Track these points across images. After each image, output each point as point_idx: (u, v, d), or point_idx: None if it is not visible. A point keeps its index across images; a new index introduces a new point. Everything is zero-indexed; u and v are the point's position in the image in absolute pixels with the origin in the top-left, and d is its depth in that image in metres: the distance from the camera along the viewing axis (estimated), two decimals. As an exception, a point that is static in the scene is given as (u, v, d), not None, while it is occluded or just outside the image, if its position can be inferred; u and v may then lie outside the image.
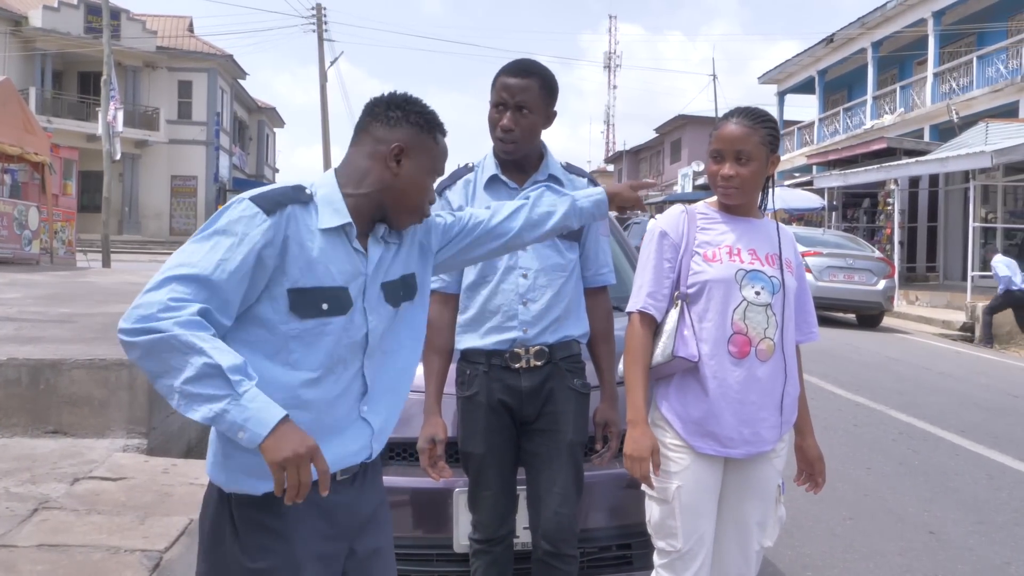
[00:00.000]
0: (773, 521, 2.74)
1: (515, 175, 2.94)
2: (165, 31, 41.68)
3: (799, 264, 2.82)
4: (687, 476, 2.64)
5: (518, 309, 2.87)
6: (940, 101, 24.59)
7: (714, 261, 2.66)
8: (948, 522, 5.22)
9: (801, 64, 33.88)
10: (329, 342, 1.95)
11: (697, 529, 2.64)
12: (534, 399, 2.88)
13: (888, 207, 23.52)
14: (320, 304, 1.93)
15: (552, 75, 2.92)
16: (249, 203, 1.90)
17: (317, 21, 35.33)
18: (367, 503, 2.08)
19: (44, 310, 9.03)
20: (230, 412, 1.70)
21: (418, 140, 2.04)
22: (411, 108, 2.05)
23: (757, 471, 2.70)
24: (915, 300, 20.46)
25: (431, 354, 2.94)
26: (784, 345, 2.67)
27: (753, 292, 2.64)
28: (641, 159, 58.48)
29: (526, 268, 2.88)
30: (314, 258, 1.93)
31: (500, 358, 2.89)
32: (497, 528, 2.92)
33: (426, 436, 2.86)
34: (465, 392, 2.94)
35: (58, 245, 20.47)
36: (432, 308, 2.93)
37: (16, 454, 5.63)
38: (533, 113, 2.84)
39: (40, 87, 36.87)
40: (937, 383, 10.29)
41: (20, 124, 17.73)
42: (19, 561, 3.94)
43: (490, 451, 2.89)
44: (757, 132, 2.67)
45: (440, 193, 2.99)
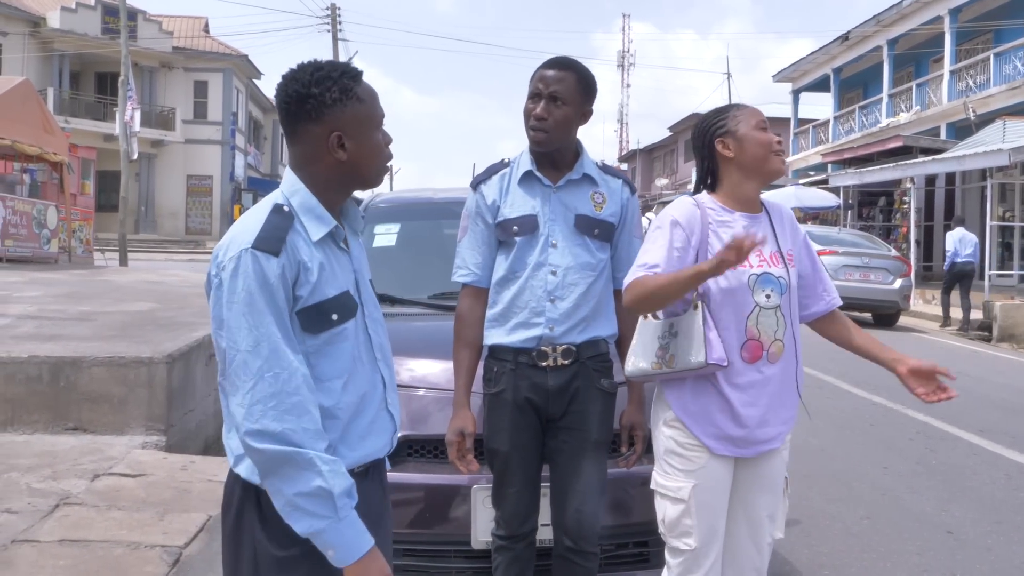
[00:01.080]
0: (783, 513, 2.76)
1: (550, 172, 2.94)
2: (181, 31, 41.89)
3: (800, 240, 2.79)
4: (704, 475, 2.64)
5: (545, 306, 2.87)
6: (957, 99, 24.44)
7: None
8: (966, 522, 5.20)
9: (816, 62, 33.74)
10: (347, 347, 1.98)
11: (712, 527, 2.64)
12: (560, 398, 2.88)
13: (904, 206, 23.43)
14: (330, 316, 1.94)
15: (590, 73, 2.93)
16: (253, 252, 1.85)
17: (332, 21, 35.45)
18: (376, 494, 2.10)
19: (63, 308, 9.10)
20: (327, 533, 1.81)
21: (346, 114, 1.95)
22: (321, 88, 1.93)
23: (767, 466, 2.71)
24: (932, 299, 20.33)
25: (462, 348, 2.98)
26: (791, 342, 2.68)
27: (764, 296, 2.62)
28: (655, 158, 58.38)
29: (556, 265, 2.88)
30: (315, 273, 1.92)
31: (527, 356, 2.88)
32: (520, 525, 2.92)
33: (455, 429, 2.87)
34: (492, 389, 2.94)
35: (76, 244, 20.60)
36: (463, 302, 3.00)
37: (37, 451, 5.68)
38: (567, 105, 2.84)
39: (58, 87, 37.12)
40: (954, 382, 10.22)
41: (39, 124, 17.86)
42: (41, 556, 3.98)
43: (515, 449, 2.89)
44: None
45: (475, 188, 3.01)
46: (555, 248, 2.88)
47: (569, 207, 2.92)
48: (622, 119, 68.32)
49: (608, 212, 2.95)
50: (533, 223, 2.90)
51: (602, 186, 2.96)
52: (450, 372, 3.24)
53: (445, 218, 4.71)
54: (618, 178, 3.04)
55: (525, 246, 2.91)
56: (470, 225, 3.02)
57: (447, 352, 3.30)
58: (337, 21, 35.60)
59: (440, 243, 4.68)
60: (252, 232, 1.88)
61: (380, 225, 4.61)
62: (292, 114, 1.96)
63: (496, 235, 2.97)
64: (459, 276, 3.02)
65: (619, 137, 67.68)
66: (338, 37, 35.51)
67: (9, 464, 5.39)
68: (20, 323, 8.06)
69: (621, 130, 67.88)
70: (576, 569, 2.87)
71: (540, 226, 2.90)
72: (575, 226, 2.91)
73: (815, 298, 2.82)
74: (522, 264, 2.91)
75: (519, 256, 2.91)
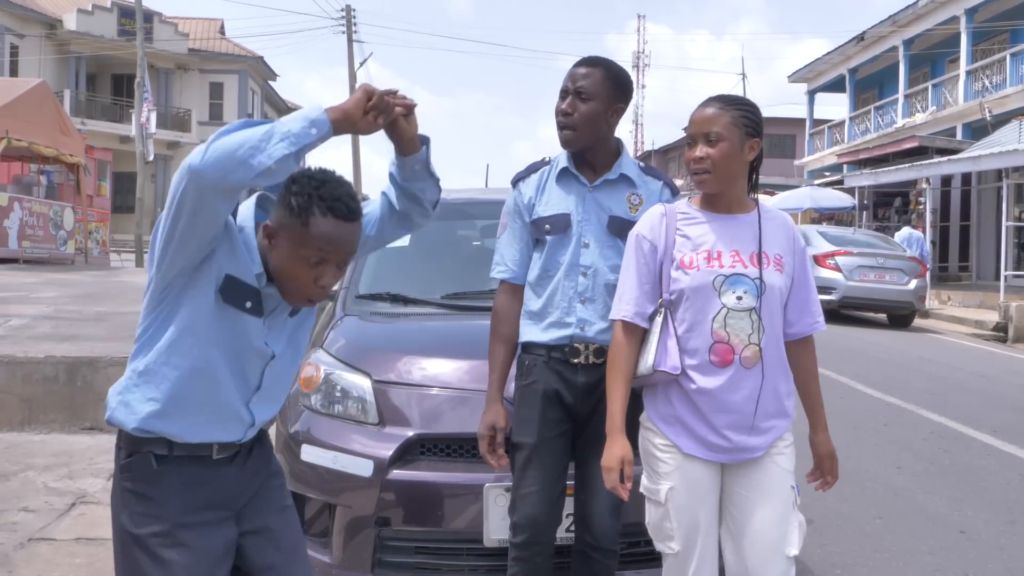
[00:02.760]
0: (794, 527, 2.58)
1: (587, 171, 2.93)
2: (197, 33, 42.07)
3: (797, 253, 2.68)
4: (678, 477, 2.58)
5: (576, 307, 2.88)
6: (973, 99, 24.29)
7: (691, 268, 2.56)
8: (979, 522, 5.18)
9: (831, 62, 33.61)
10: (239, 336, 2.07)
11: (694, 529, 2.56)
12: (589, 396, 2.87)
13: (920, 206, 23.32)
14: (244, 301, 2.05)
15: (621, 70, 2.92)
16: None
17: (347, 22, 35.53)
18: (249, 479, 2.20)
19: (80, 309, 9.17)
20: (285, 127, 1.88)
21: (287, 222, 2.00)
22: (292, 187, 2.00)
23: (762, 472, 2.59)
24: (947, 300, 20.24)
25: (496, 343, 2.99)
26: (773, 348, 2.58)
27: (734, 297, 2.54)
28: (670, 158, 58.24)
29: (587, 267, 2.88)
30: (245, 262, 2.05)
31: (560, 351, 2.89)
32: (539, 532, 2.84)
33: (487, 423, 2.89)
34: (523, 381, 2.94)
35: (92, 245, 20.74)
36: (500, 298, 3.02)
37: (54, 450, 5.74)
38: (593, 100, 2.82)
39: (75, 89, 37.34)
40: (969, 383, 10.20)
41: (56, 126, 18.00)
42: (58, 554, 4.03)
43: (542, 443, 2.85)
44: (728, 113, 2.55)
45: (515, 185, 3.03)
46: (587, 248, 2.88)
47: (604, 208, 2.90)
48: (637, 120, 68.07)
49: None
50: (565, 222, 2.90)
51: (641, 188, 2.94)
52: (461, 372, 3.26)
53: (458, 219, 4.73)
54: (659, 180, 3.01)
55: (557, 245, 2.91)
56: (509, 222, 3.04)
57: (459, 352, 3.31)
58: (352, 23, 35.67)
59: (453, 244, 4.70)
60: None
61: (393, 225, 4.63)
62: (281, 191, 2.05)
63: (531, 233, 2.98)
64: (497, 272, 3.04)
65: (634, 138, 67.44)
66: (353, 39, 35.59)
67: (26, 463, 5.45)
68: (37, 324, 8.13)
69: (636, 131, 67.68)
70: (596, 566, 2.87)
71: (573, 225, 2.90)
72: (608, 227, 2.90)
73: (798, 317, 2.69)
74: (555, 263, 2.91)
75: (551, 255, 2.92)
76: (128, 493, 2.10)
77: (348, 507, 3.18)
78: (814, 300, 2.72)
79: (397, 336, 3.84)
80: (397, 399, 3.32)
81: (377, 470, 3.12)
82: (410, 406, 3.30)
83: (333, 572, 3.16)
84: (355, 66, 35.53)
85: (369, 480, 3.12)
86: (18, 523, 4.39)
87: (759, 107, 2.66)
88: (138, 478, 2.09)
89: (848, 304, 15.48)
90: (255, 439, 2.24)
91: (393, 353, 3.53)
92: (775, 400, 2.60)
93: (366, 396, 3.33)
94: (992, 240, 22.81)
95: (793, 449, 2.67)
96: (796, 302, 2.67)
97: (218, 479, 2.13)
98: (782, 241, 2.64)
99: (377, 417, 3.28)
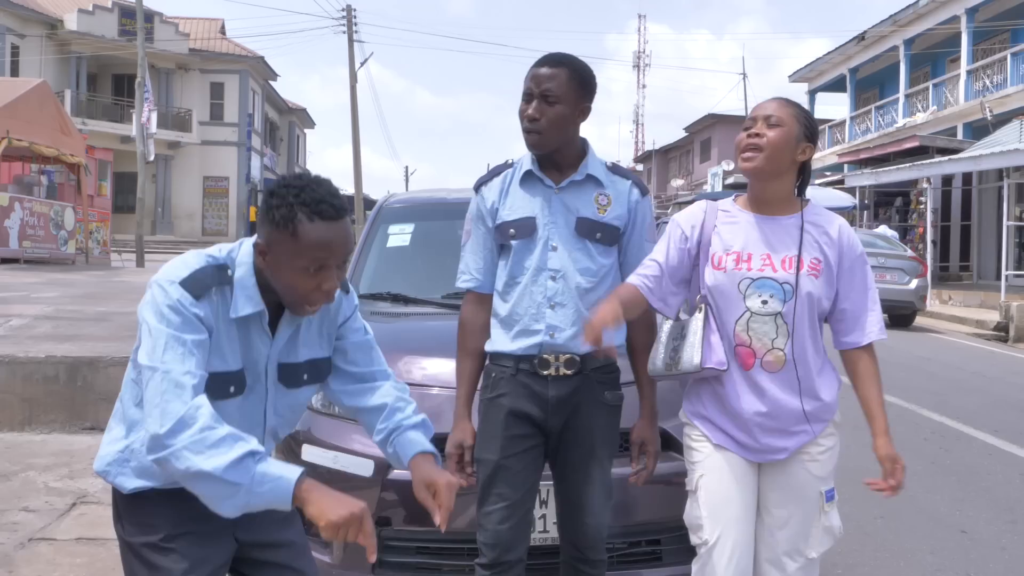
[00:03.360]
0: (817, 531, 2.61)
1: (552, 173, 2.81)
2: (197, 33, 42.08)
3: (851, 259, 2.60)
4: (708, 465, 2.62)
5: (545, 312, 2.75)
6: (973, 99, 24.29)
7: (719, 269, 2.58)
8: (980, 521, 5.18)
9: (832, 62, 33.61)
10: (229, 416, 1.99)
11: (722, 519, 2.57)
12: (561, 410, 2.75)
13: (921, 206, 23.31)
14: (228, 387, 2.02)
15: (586, 68, 2.79)
16: (180, 287, 1.94)
17: (347, 22, 35.49)
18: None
19: (80, 309, 9.17)
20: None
21: (275, 237, 1.95)
22: (275, 199, 1.95)
23: (790, 475, 2.61)
24: (948, 300, 20.24)
25: (464, 356, 2.88)
26: (801, 354, 2.56)
27: (759, 301, 2.53)
28: (671, 159, 58.24)
29: (555, 271, 2.76)
30: (224, 343, 2.00)
31: (529, 363, 2.75)
32: (504, 552, 2.73)
33: (455, 442, 2.79)
34: (489, 394, 2.82)
35: (93, 245, 20.75)
36: (465, 308, 2.91)
37: (55, 450, 5.74)
38: (561, 103, 2.70)
39: (75, 89, 37.35)
40: (970, 383, 10.20)
41: (56, 126, 18.00)
42: (58, 554, 4.02)
43: (505, 460, 2.74)
44: (793, 108, 2.58)
45: (477, 190, 2.93)
46: (555, 252, 2.76)
47: (571, 209, 2.77)
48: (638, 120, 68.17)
49: (613, 215, 2.80)
50: (531, 226, 2.77)
51: (608, 188, 2.82)
52: (463, 371, 3.25)
53: (459, 218, 4.70)
54: (627, 179, 2.88)
55: (523, 250, 2.79)
56: (472, 229, 2.92)
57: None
58: (353, 22, 35.64)
59: (454, 243, 4.67)
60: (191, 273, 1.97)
61: (394, 225, 4.63)
62: (259, 207, 2.02)
63: (496, 239, 2.85)
64: (462, 282, 2.92)
65: (635, 138, 67.55)
66: (354, 39, 35.56)
67: (27, 463, 5.45)
68: (38, 323, 8.13)
69: (637, 131, 67.75)
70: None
71: (539, 229, 2.77)
72: (576, 229, 2.77)
73: (847, 329, 2.64)
74: (521, 269, 2.78)
75: (518, 260, 2.79)
76: (122, 504, 2.14)
77: None
78: (871, 309, 2.63)
79: (398, 336, 3.84)
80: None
81: (378, 470, 3.11)
82: (411, 406, 3.29)
83: (334, 572, 3.16)
84: (356, 66, 35.52)
85: (370, 480, 3.12)
86: (19, 523, 4.39)
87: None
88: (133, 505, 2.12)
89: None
90: None
91: (394, 353, 3.52)
92: (804, 405, 2.58)
93: (367, 396, 3.32)
94: (993, 240, 22.80)
95: (832, 455, 2.65)
96: (850, 311, 2.62)
97: None
98: (828, 246, 2.59)
99: (378, 417, 3.27)
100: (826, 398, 2.62)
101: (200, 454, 1.82)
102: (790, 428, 2.58)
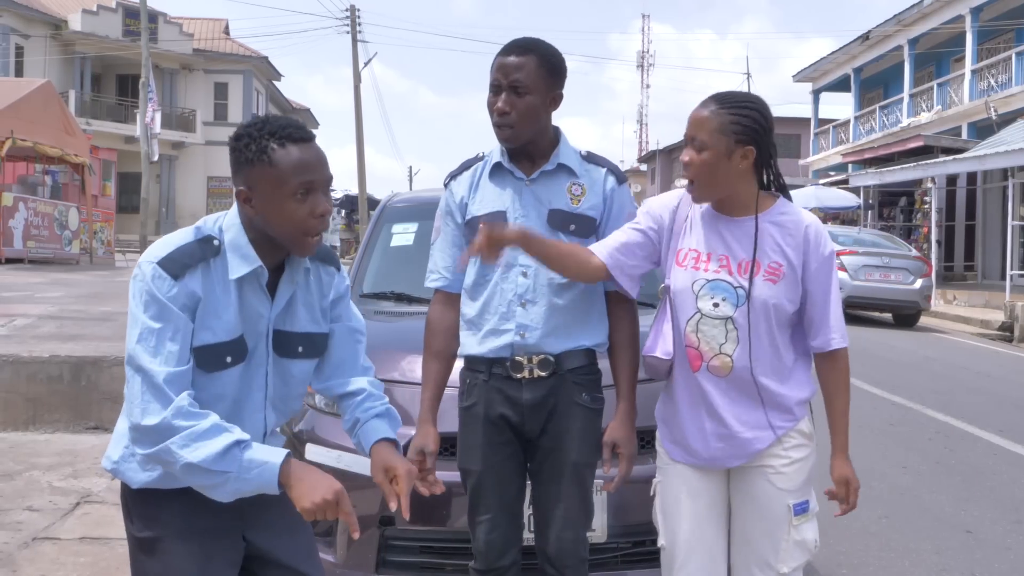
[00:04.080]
0: (787, 544, 2.51)
1: (524, 164, 2.69)
2: (201, 34, 42.12)
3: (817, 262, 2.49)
4: (664, 474, 2.63)
5: (516, 311, 2.63)
6: (978, 98, 24.25)
7: (680, 266, 2.52)
8: (985, 521, 5.17)
9: (836, 62, 33.57)
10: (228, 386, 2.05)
11: (674, 530, 2.56)
12: (537, 414, 2.64)
13: (925, 205, 23.28)
14: (224, 357, 2.02)
15: (555, 53, 2.65)
16: (157, 267, 1.95)
17: (351, 23, 35.50)
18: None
19: (84, 308, 9.18)
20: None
21: (255, 175, 1.97)
22: (240, 142, 1.99)
23: (752, 486, 2.54)
24: (953, 299, 20.20)
25: (429, 358, 2.77)
26: (753, 361, 2.45)
27: (710, 304, 2.46)
28: (675, 158, 58.12)
29: (526, 266, 2.63)
30: (221, 310, 2.00)
31: (501, 366, 2.64)
32: (496, 558, 2.67)
33: (416, 447, 2.63)
34: (464, 403, 2.73)
35: (97, 245, 20.78)
36: (433, 309, 2.81)
37: (59, 449, 5.74)
38: (531, 94, 2.57)
39: (79, 90, 37.39)
40: (975, 382, 10.17)
41: (60, 126, 18.02)
42: (62, 553, 4.03)
43: (488, 469, 2.66)
44: (718, 118, 2.41)
45: (447, 184, 2.83)
46: None
47: (543, 201, 2.65)
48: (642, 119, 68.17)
49: (587, 205, 2.68)
50: (501, 220, 2.63)
51: (582, 177, 2.69)
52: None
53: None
54: (602, 167, 2.74)
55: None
56: (442, 225, 2.80)
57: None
58: (357, 22, 35.64)
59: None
60: (169, 252, 1.98)
61: (398, 224, 4.62)
62: (230, 158, 2.03)
63: (466, 235, 2.72)
64: (430, 281, 2.82)
65: (639, 138, 67.54)
66: (357, 39, 35.57)
67: (31, 463, 5.45)
68: (42, 323, 8.14)
69: (641, 131, 67.74)
70: None
71: (509, 222, 2.63)
72: (548, 221, 2.65)
73: (813, 333, 2.54)
74: (491, 266, 2.64)
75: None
76: (131, 499, 2.15)
77: (352, 506, 3.16)
78: (833, 313, 2.52)
79: (401, 335, 3.83)
80: (401, 398, 3.31)
81: (381, 469, 3.10)
82: (414, 405, 3.26)
83: (338, 572, 3.15)
84: (359, 66, 35.54)
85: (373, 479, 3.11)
86: (23, 522, 4.39)
87: (764, 106, 2.50)
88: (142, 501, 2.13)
89: (853, 303, 15.44)
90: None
91: (397, 352, 3.52)
92: (756, 412, 2.49)
93: (370, 395, 3.32)
94: (998, 239, 22.77)
95: (802, 467, 2.54)
96: (814, 315, 2.52)
97: None
98: (790, 249, 2.48)
99: (381, 416, 3.27)
100: (787, 404, 2.51)
101: (186, 447, 1.87)
102: (735, 436, 2.49)
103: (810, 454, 2.57)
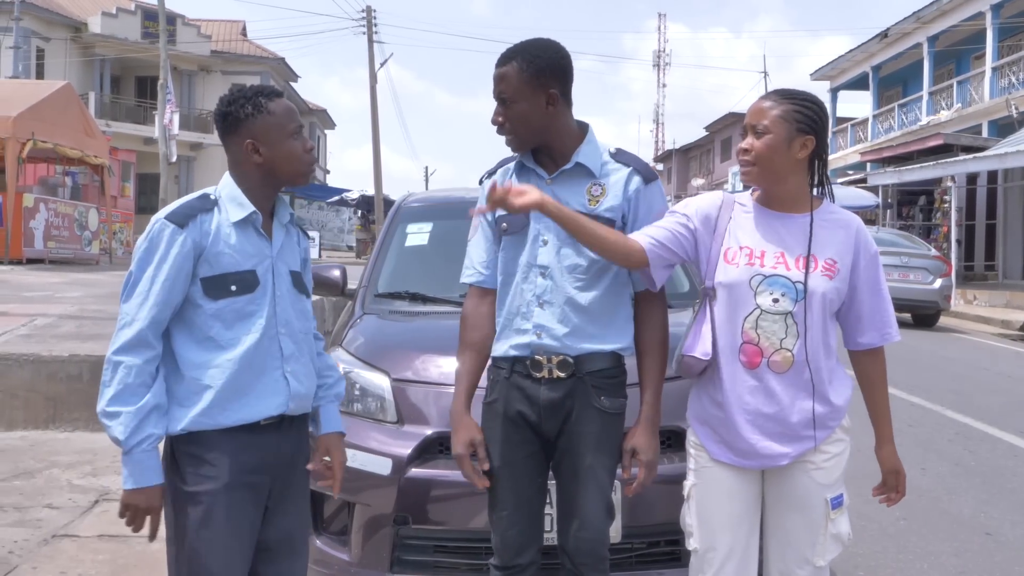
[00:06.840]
0: (824, 538, 2.54)
1: (547, 163, 2.70)
2: (219, 35, 42.36)
3: (865, 259, 2.56)
4: (703, 477, 2.60)
5: (534, 311, 2.64)
6: (999, 96, 24.07)
7: (731, 263, 2.52)
8: (1006, 523, 5.12)
9: (854, 60, 33.40)
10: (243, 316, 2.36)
11: (711, 533, 2.55)
12: (554, 414, 2.63)
13: (945, 204, 23.12)
14: (229, 286, 2.34)
15: (541, 51, 2.62)
16: (164, 221, 2.32)
17: (367, 23, 35.59)
18: (286, 447, 2.46)
19: (104, 308, 9.24)
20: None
21: (257, 125, 2.37)
22: (235, 106, 2.38)
23: (792, 482, 2.55)
24: (973, 299, 20.06)
25: (463, 351, 2.78)
26: (809, 355, 2.48)
27: (770, 299, 2.48)
28: (691, 158, 58.09)
29: (544, 267, 2.65)
30: (223, 250, 2.34)
31: (522, 365, 2.65)
32: (514, 556, 2.67)
33: (463, 441, 2.64)
34: (487, 399, 2.74)
35: (116, 245, 20.92)
36: (468, 302, 2.82)
37: (78, 447, 5.78)
38: (517, 101, 2.58)
39: (99, 92, 37.67)
40: (995, 383, 10.10)
41: (80, 128, 18.15)
42: (81, 550, 4.05)
43: (506, 466, 2.66)
44: (780, 106, 2.47)
45: (481, 183, 2.88)
46: (545, 246, 2.65)
47: (562, 201, 2.60)
48: (658, 119, 68.00)
49: (605, 206, 2.65)
50: (523, 220, 2.66)
51: (603, 177, 2.67)
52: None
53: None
54: (627, 166, 2.70)
55: (516, 245, 2.69)
56: (479, 223, 2.83)
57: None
58: (373, 23, 35.73)
59: (473, 243, 4.69)
60: (173, 207, 2.37)
61: (413, 224, 4.62)
62: (220, 129, 2.42)
63: (495, 232, 2.77)
64: (466, 276, 2.83)
65: (655, 137, 67.39)
66: (373, 39, 35.65)
67: (50, 461, 5.49)
68: (62, 323, 8.20)
69: (657, 130, 67.58)
70: None
71: (530, 223, 2.66)
72: None
73: (863, 329, 2.59)
74: (514, 265, 2.69)
75: (511, 256, 2.70)
76: (183, 455, 2.34)
77: (367, 505, 3.18)
78: (885, 310, 2.60)
79: (416, 335, 3.84)
80: (416, 397, 3.32)
81: (396, 468, 3.12)
82: (428, 404, 3.30)
83: (352, 570, 3.16)
84: (375, 67, 35.62)
85: (388, 478, 3.12)
86: (42, 520, 4.43)
87: (823, 103, 2.56)
88: (192, 441, 2.33)
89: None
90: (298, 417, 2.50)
91: (412, 352, 3.53)
92: (811, 409, 2.51)
93: (385, 394, 3.33)
94: (1019, 239, 22.60)
95: (839, 461, 2.57)
96: (864, 311, 2.58)
97: (265, 444, 2.39)
98: (841, 245, 2.53)
99: (396, 415, 3.28)
100: (837, 402, 2.55)
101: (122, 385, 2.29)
102: (793, 432, 2.51)
103: (846, 448, 2.61)
